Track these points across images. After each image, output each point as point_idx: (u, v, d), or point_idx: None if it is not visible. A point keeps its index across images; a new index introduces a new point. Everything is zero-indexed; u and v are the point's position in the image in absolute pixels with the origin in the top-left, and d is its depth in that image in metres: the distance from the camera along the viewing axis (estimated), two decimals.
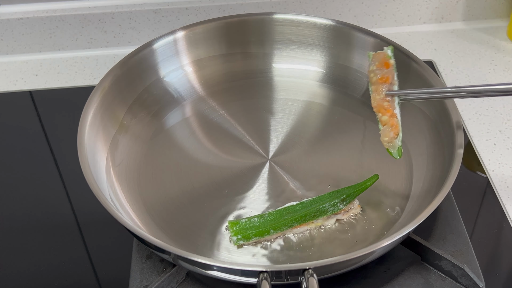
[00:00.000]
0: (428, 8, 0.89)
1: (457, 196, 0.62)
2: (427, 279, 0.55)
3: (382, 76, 0.60)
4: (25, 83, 0.82)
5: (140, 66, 0.69)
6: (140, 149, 0.65)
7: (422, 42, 0.88)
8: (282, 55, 0.75)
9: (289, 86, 0.73)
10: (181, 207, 0.60)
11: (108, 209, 0.51)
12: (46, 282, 0.58)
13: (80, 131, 0.59)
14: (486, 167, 0.69)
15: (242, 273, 0.49)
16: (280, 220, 0.56)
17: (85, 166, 0.55)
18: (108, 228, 0.61)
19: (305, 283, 0.47)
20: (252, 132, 0.68)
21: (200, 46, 0.72)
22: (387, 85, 0.60)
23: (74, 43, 0.86)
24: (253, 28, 0.74)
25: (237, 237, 0.55)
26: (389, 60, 0.60)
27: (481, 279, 0.54)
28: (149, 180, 0.62)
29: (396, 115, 0.60)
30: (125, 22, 0.85)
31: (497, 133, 0.73)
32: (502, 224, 0.63)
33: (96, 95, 0.63)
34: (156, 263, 0.55)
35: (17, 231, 0.63)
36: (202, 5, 0.84)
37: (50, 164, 0.70)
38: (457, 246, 0.56)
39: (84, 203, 0.65)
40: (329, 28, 0.72)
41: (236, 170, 0.63)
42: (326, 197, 0.58)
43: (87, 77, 0.83)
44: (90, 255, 0.60)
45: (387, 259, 0.56)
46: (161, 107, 0.70)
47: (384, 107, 0.60)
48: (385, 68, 0.60)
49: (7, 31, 0.84)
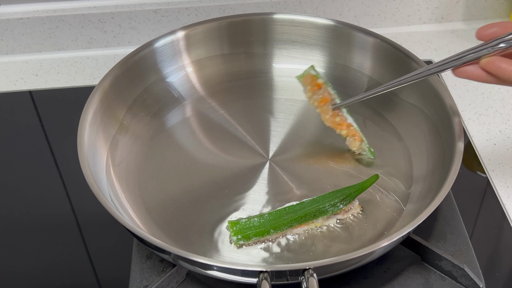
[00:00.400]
0: (428, 8, 0.89)
1: (457, 196, 0.62)
2: (427, 279, 0.55)
3: (321, 99, 0.63)
4: (25, 83, 0.82)
5: (140, 66, 0.69)
6: (140, 149, 0.65)
7: (422, 42, 0.88)
8: (282, 55, 0.75)
9: (289, 86, 0.73)
10: (181, 207, 0.60)
11: (108, 209, 0.51)
12: (46, 282, 0.58)
13: (80, 131, 0.59)
14: (486, 167, 0.69)
15: (242, 273, 0.49)
16: (280, 220, 0.56)
17: (85, 166, 0.55)
18: (108, 228, 0.61)
19: (305, 283, 0.47)
20: (252, 132, 0.68)
21: (200, 46, 0.72)
22: (329, 102, 0.63)
23: (74, 43, 0.86)
24: (253, 28, 0.74)
25: (237, 237, 0.55)
26: (317, 80, 0.63)
27: (481, 279, 0.54)
28: (149, 180, 0.62)
29: (351, 124, 0.63)
30: (125, 22, 0.85)
31: (497, 133, 0.73)
32: (502, 224, 0.63)
33: (96, 95, 0.63)
34: (156, 263, 0.55)
35: (17, 231, 0.63)
36: (202, 5, 0.84)
37: (50, 164, 0.70)
38: (457, 246, 0.56)
39: (84, 203, 0.65)
40: (329, 28, 0.72)
41: (236, 170, 0.63)
42: (326, 197, 0.58)
43: (87, 77, 0.83)
44: (90, 255, 0.60)
45: (387, 259, 0.56)
46: (161, 107, 0.70)
47: (338, 122, 0.64)
48: (318, 89, 0.63)
49: (7, 31, 0.84)
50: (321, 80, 0.64)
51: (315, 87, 0.63)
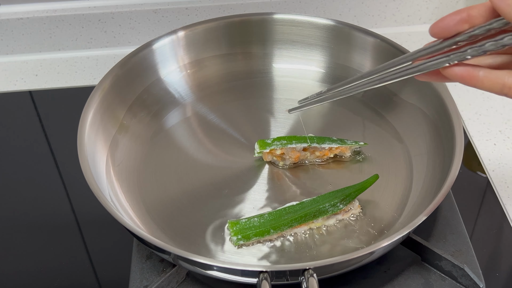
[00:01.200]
0: (428, 8, 0.89)
1: (457, 196, 0.62)
2: (427, 279, 0.55)
3: (293, 159, 0.63)
4: (25, 83, 0.82)
5: (140, 66, 0.69)
6: (140, 149, 0.65)
7: (422, 42, 0.87)
8: (282, 55, 0.75)
9: (289, 86, 0.73)
10: (181, 207, 0.60)
11: (108, 209, 0.51)
12: (46, 282, 0.58)
13: (80, 131, 0.59)
14: (486, 167, 0.69)
15: (242, 273, 0.49)
16: (280, 220, 0.56)
17: (85, 166, 0.55)
18: (108, 228, 0.61)
19: (305, 283, 0.47)
20: (252, 132, 0.68)
21: (200, 46, 0.72)
22: (298, 156, 0.63)
23: (74, 43, 0.86)
24: (253, 28, 0.74)
25: (237, 237, 0.55)
26: (274, 151, 0.62)
27: (481, 279, 0.54)
28: (149, 180, 0.62)
29: (330, 147, 0.63)
30: (125, 22, 0.85)
31: (497, 133, 0.73)
32: (502, 224, 0.63)
33: (96, 95, 0.63)
34: (156, 263, 0.55)
35: (17, 231, 0.63)
36: (202, 5, 0.84)
37: (50, 164, 0.70)
38: (457, 246, 0.56)
39: (84, 203, 0.65)
40: (329, 28, 0.72)
41: (236, 170, 0.63)
42: (326, 197, 0.58)
43: (87, 77, 0.83)
44: (90, 255, 0.60)
45: (387, 259, 0.56)
46: (161, 107, 0.70)
47: (320, 154, 0.64)
48: (282, 154, 0.63)
49: (7, 31, 0.84)
50: (275, 147, 0.62)
51: (279, 156, 0.63)
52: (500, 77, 0.42)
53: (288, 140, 0.62)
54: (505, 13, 0.40)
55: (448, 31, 0.43)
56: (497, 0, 0.40)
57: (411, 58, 0.48)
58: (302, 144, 0.62)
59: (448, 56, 0.44)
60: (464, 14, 0.42)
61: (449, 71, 0.44)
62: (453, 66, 0.44)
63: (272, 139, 0.63)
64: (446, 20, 0.43)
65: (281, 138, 0.63)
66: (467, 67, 0.43)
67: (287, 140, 0.62)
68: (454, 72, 0.44)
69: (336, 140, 0.64)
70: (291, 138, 0.63)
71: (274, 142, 0.62)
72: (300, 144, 0.62)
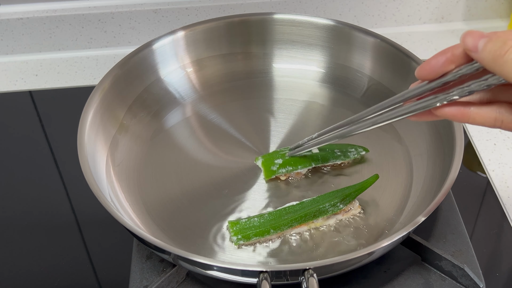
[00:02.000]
0: (428, 8, 0.89)
1: (457, 196, 0.62)
2: (427, 279, 0.55)
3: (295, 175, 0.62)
4: (25, 83, 0.82)
5: (140, 66, 0.69)
6: (140, 149, 0.65)
7: (422, 42, 0.88)
8: (282, 55, 0.75)
9: (289, 86, 0.73)
10: (181, 207, 0.60)
11: (108, 209, 0.51)
12: (46, 282, 0.58)
13: (80, 131, 0.59)
14: (486, 167, 0.69)
15: (242, 273, 0.49)
16: (280, 220, 0.56)
17: (85, 166, 0.55)
18: (108, 228, 0.61)
19: (305, 283, 0.47)
20: (252, 132, 0.68)
21: (200, 46, 0.72)
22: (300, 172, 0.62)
23: (74, 43, 0.86)
24: (253, 28, 0.74)
25: (237, 237, 0.55)
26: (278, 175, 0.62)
27: (481, 279, 0.54)
28: (149, 180, 0.62)
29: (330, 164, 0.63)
30: (125, 22, 0.85)
31: (497, 133, 0.73)
32: (502, 224, 0.63)
33: (96, 95, 0.63)
34: (156, 263, 0.55)
35: (17, 231, 0.63)
36: (202, 5, 0.84)
37: (50, 164, 0.70)
38: (457, 246, 0.56)
39: (84, 203, 0.65)
40: (329, 28, 0.72)
41: (236, 170, 0.63)
42: (326, 197, 0.58)
43: (87, 77, 0.83)
44: (90, 255, 0.60)
45: (387, 259, 0.56)
46: (161, 107, 0.70)
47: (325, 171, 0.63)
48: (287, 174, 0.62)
49: (7, 31, 0.84)
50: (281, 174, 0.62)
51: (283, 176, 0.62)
52: (491, 112, 0.43)
53: (294, 165, 0.61)
54: (480, 62, 0.40)
55: (435, 73, 0.43)
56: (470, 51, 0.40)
57: (401, 99, 0.48)
58: (307, 167, 0.62)
59: (437, 96, 0.44)
60: (449, 54, 0.42)
61: (440, 111, 0.44)
62: (444, 106, 0.44)
63: (278, 165, 0.61)
64: (432, 62, 0.43)
65: (286, 163, 0.61)
66: (458, 106, 0.43)
67: (292, 166, 0.61)
68: (445, 112, 0.44)
69: (339, 156, 0.63)
70: (296, 161, 0.62)
71: (279, 170, 0.61)
72: (306, 168, 0.62)
